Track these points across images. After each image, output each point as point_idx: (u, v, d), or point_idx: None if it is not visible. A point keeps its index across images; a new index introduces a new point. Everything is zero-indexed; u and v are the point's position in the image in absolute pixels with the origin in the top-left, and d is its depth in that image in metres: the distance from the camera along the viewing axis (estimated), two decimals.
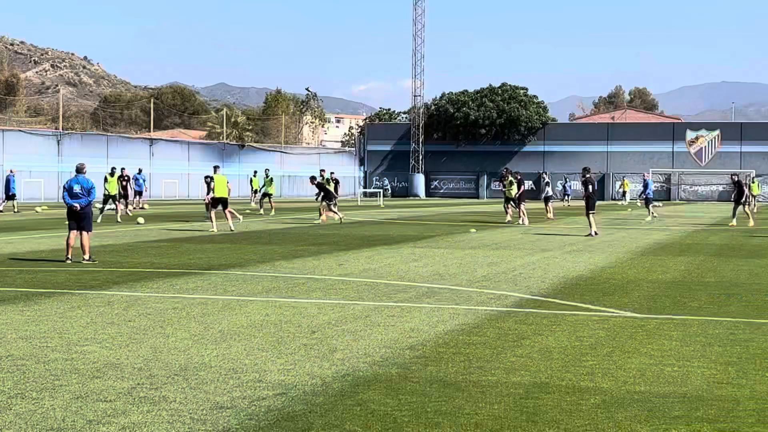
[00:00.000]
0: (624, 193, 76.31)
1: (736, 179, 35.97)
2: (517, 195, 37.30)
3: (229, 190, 31.02)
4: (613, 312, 12.65)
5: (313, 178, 37.17)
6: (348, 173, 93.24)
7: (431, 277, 16.89)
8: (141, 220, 30.43)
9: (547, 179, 44.74)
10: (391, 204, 64.91)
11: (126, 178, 41.46)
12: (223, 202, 30.35)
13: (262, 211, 44.55)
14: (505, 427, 6.78)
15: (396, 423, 6.85)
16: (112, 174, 37.94)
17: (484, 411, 7.22)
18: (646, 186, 43.72)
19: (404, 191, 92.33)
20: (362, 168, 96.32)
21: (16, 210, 45.40)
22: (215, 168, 31.70)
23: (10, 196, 46.50)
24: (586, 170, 30.80)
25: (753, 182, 62.38)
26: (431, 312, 12.45)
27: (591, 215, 29.27)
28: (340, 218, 36.35)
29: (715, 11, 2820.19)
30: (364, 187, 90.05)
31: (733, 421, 7.01)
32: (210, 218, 30.60)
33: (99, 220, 34.53)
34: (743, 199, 35.47)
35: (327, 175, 40.53)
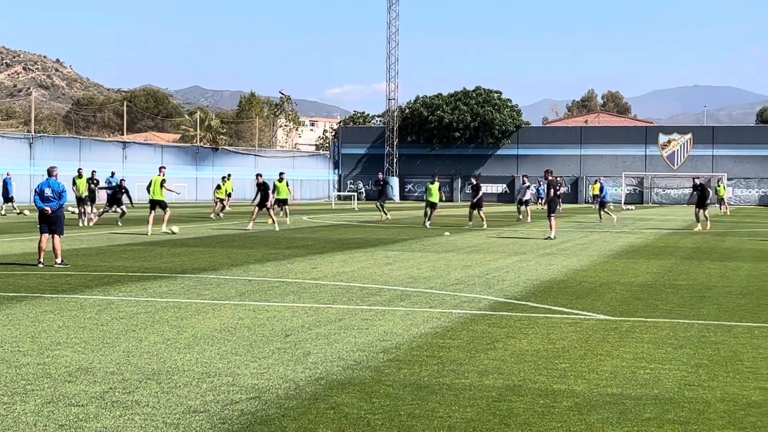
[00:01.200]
0: (595, 197, 76.48)
1: (698, 183, 36.25)
2: (474, 200, 36.87)
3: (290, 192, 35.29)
4: (586, 315, 12.72)
5: (258, 176, 35.80)
6: (322, 176, 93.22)
7: (405, 280, 16.91)
8: (175, 229, 29.66)
9: (527, 183, 44.89)
10: (365, 207, 64.87)
11: (95, 181, 41.25)
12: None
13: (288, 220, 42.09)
14: (478, 430, 6.80)
15: (369, 426, 6.86)
16: (80, 176, 37.70)
17: (457, 414, 7.24)
18: (601, 189, 44.51)
19: (378, 194, 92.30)
20: (336, 171, 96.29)
21: (18, 212, 46.00)
22: (281, 174, 38.98)
23: (8, 199, 46.87)
24: (548, 173, 31.03)
25: (719, 185, 62.91)
26: (405, 315, 12.46)
27: (552, 218, 29.39)
28: (275, 224, 34.24)
29: (688, 16, 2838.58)
30: (339, 191, 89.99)
31: (704, 423, 7.06)
32: (271, 217, 35.00)
33: (91, 224, 34.47)
34: (705, 203, 35.74)
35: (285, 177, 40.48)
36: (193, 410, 7.27)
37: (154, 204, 31.26)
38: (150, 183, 31.93)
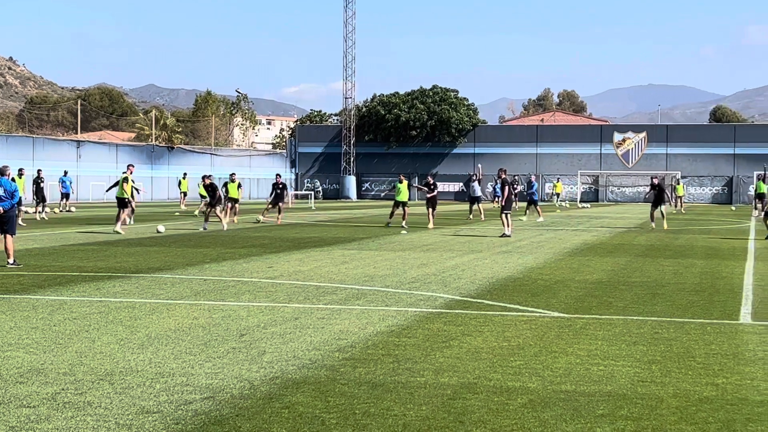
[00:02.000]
0: (557, 195, 76.96)
1: (656, 182, 36.43)
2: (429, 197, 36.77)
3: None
4: (541, 312, 12.78)
5: (205, 177, 35.72)
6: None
7: (361, 278, 16.90)
8: (119, 229, 29.62)
9: (475, 179, 44.98)
10: (322, 206, 64.81)
11: (42, 179, 40.90)
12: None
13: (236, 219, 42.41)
14: (432, 427, 6.81)
15: (324, 425, 6.84)
16: (20, 175, 37.23)
17: (412, 412, 7.25)
18: (530, 186, 44.53)
19: (335, 193, 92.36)
20: (293, 170, 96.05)
21: (67, 209, 47.74)
22: (232, 175, 38.38)
23: (64, 195, 48.57)
24: (501, 171, 31.22)
25: (678, 184, 63.57)
26: (361, 314, 12.46)
27: (505, 215, 29.57)
28: (222, 222, 33.83)
29: (643, 15, 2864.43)
30: (296, 189, 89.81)
31: (657, 419, 7.12)
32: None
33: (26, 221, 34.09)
34: (662, 202, 35.95)
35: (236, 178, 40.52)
36: (146, 411, 7.21)
37: (121, 202, 31.31)
38: (117, 181, 32.06)
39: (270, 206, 38.96)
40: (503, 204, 29.87)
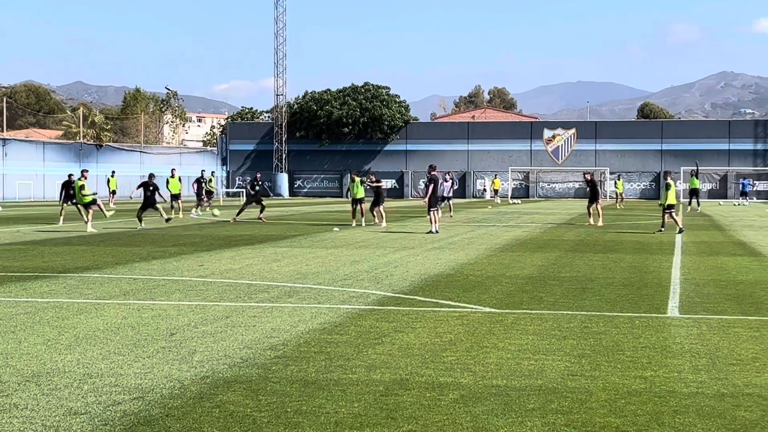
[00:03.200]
0: (495, 191, 77.16)
1: (590, 178, 36.68)
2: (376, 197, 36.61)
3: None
4: (473, 308, 12.85)
5: (151, 176, 35.16)
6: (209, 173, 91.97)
7: (293, 276, 16.83)
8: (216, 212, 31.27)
9: (448, 179, 44.52)
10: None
11: None
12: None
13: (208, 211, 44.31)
14: (364, 424, 6.80)
15: (255, 424, 6.79)
16: None
17: (344, 409, 7.23)
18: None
19: (267, 191, 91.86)
20: (225, 167, 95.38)
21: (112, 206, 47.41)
22: (173, 170, 37.77)
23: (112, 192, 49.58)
24: (431, 168, 31.24)
25: (619, 179, 64.51)
26: (293, 311, 12.40)
27: (432, 212, 29.70)
28: (163, 216, 34.05)
29: (571, 12, 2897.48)
30: (227, 187, 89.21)
31: (586, 413, 7.19)
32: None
33: None
34: (597, 198, 36.24)
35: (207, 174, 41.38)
36: (73, 412, 7.09)
37: (86, 205, 31.07)
38: (72, 187, 32.03)
39: (247, 207, 38.65)
40: (429, 201, 29.90)
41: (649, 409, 7.31)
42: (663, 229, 30.50)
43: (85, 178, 32.17)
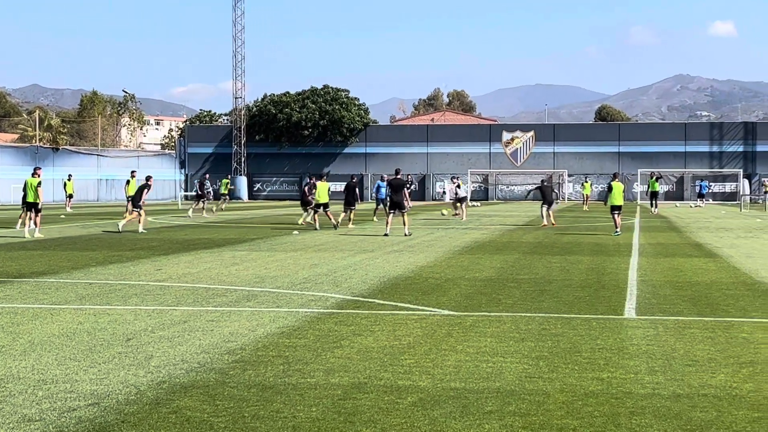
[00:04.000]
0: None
1: (542, 180, 37.16)
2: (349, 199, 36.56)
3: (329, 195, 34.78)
4: (432, 311, 12.86)
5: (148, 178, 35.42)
6: (168, 176, 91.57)
7: (252, 280, 16.76)
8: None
9: (458, 182, 45.20)
10: (212, 207, 64.04)
11: None
12: (325, 205, 34.01)
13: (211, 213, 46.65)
14: (322, 429, 6.78)
15: (212, 429, 6.75)
16: None
17: (302, 414, 7.20)
18: (377, 188, 44.80)
19: (214, 193, 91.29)
20: (183, 171, 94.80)
21: (213, 209, 50.50)
22: (321, 176, 36.20)
23: (200, 195, 49.08)
24: (396, 171, 31.66)
25: (586, 182, 65.06)
26: (251, 315, 12.34)
27: (391, 215, 29.85)
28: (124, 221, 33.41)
29: (530, 15, 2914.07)
30: (186, 190, 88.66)
31: (544, 415, 7.22)
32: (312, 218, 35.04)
33: None
34: (549, 200, 36.53)
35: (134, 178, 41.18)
36: (28, 419, 7.00)
37: (30, 206, 30.02)
38: (25, 185, 30.69)
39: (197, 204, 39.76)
40: (389, 204, 30.28)
41: (605, 411, 7.35)
42: (618, 230, 30.76)
43: (39, 176, 31.05)
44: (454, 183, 46.29)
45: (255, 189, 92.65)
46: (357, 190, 37.10)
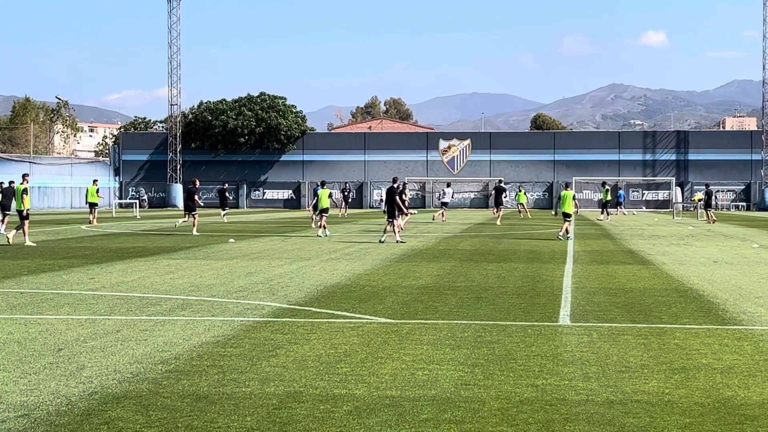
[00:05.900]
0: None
1: (496, 185, 38.73)
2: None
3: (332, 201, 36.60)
4: (368, 318, 12.84)
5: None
6: (102, 184, 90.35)
7: (187, 288, 16.60)
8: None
9: (445, 190, 49.17)
10: (147, 215, 63.47)
11: None
12: (324, 211, 35.01)
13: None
14: None
15: None
16: None
17: (236, 423, 7.13)
18: (314, 194, 44.98)
19: (162, 202, 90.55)
20: (117, 178, 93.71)
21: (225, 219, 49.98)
22: (322, 183, 38.08)
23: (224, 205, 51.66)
24: (394, 180, 33.19)
25: (520, 191, 65.77)
26: (186, 324, 12.22)
27: (388, 224, 31.78)
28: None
29: (467, 23, 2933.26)
30: (120, 198, 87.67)
31: (479, 422, 7.24)
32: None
33: None
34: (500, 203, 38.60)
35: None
36: None
37: (20, 213, 29.44)
38: (13, 192, 30.04)
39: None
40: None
41: (540, 417, 7.39)
42: (570, 236, 31.66)
43: (27, 182, 30.14)
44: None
45: None
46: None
